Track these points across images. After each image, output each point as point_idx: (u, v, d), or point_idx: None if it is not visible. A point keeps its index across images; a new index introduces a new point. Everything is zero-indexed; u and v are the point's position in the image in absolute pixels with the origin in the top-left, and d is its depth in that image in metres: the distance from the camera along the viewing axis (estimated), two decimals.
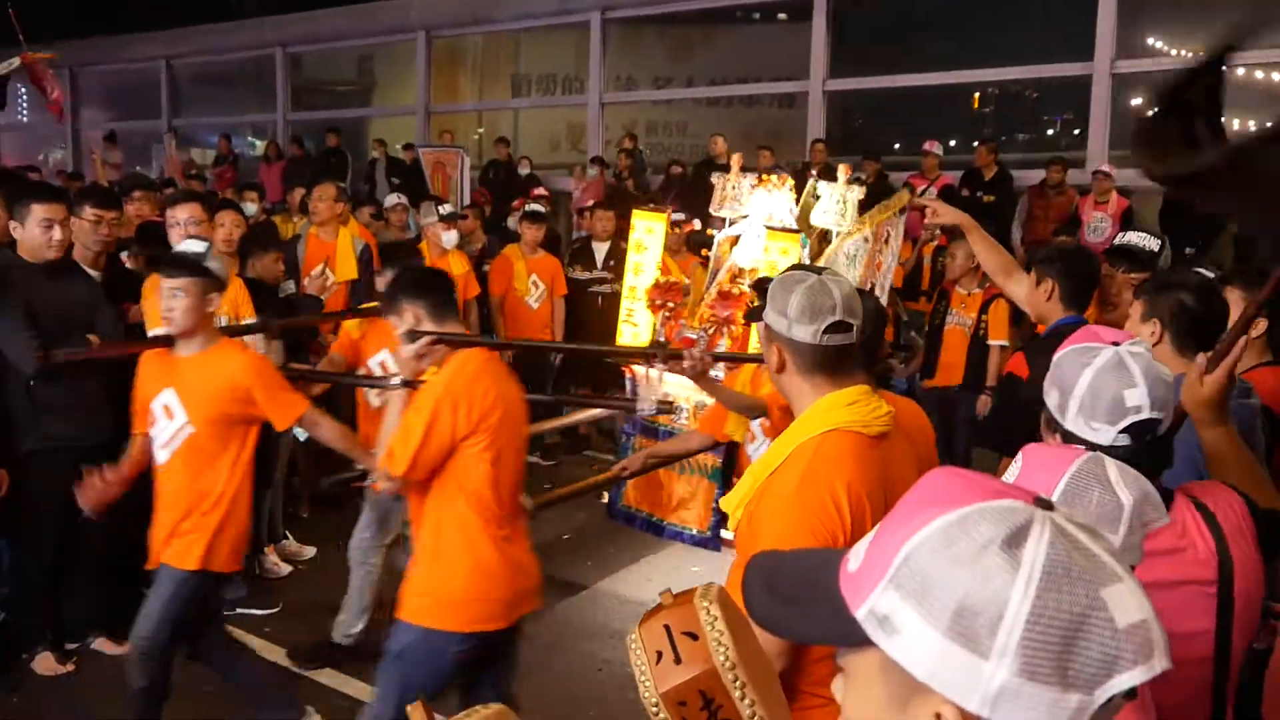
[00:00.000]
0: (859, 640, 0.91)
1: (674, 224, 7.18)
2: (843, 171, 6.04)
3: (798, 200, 6.03)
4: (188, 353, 3.83)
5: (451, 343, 3.39)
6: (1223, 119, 1.88)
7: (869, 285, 5.80)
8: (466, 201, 11.34)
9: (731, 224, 6.13)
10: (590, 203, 10.18)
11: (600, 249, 8.52)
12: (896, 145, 14.41)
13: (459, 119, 17.28)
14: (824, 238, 6.01)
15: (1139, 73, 11.06)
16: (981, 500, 0.88)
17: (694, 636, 1.51)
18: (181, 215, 4.96)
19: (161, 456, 3.84)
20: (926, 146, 10.94)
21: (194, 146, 19.30)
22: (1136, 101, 11.78)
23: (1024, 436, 3.41)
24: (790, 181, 6.05)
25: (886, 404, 2.37)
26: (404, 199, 9.21)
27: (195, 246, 3.83)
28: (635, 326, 6.38)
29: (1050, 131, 14.22)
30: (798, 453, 2.24)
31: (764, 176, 6.12)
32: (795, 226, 5.81)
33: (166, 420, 3.80)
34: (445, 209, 7.15)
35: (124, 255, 5.57)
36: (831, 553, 1.01)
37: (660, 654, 1.52)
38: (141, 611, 3.82)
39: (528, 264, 7.83)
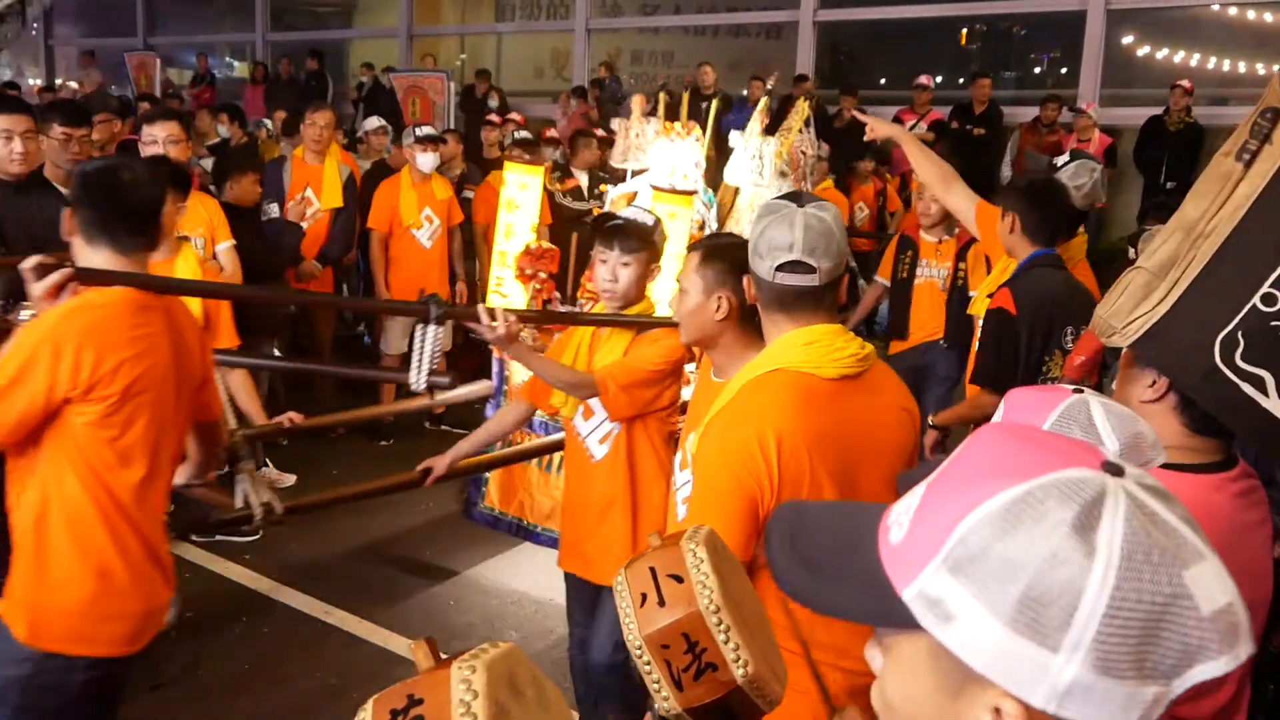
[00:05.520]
0: (904, 622, 0.83)
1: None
2: (758, 119, 5.26)
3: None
4: None
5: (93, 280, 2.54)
6: None
7: None
8: (451, 126, 11.15)
9: (634, 176, 5.42)
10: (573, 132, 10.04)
11: (582, 178, 8.41)
12: (883, 80, 14.28)
13: (442, 43, 16.99)
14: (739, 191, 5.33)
15: (1134, 9, 10.94)
16: (1045, 471, 0.79)
17: (679, 579, 1.49)
18: (160, 133, 4.84)
19: None
20: (923, 80, 10.84)
21: (171, 66, 18.92)
22: (1128, 40, 11.68)
23: (1018, 367, 3.43)
24: (697, 131, 5.28)
25: (859, 346, 2.22)
26: (384, 122, 9.07)
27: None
28: (505, 298, 5.43)
29: (1037, 69, 14.12)
30: (741, 391, 2.17)
31: (667, 124, 5.33)
32: (692, 186, 5.04)
33: None
34: (423, 130, 7.00)
35: None
36: (865, 512, 0.93)
37: (644, 596, 1.50)
38: None
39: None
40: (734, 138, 5.21)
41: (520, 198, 5.54)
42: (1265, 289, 1.75)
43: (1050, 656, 0.75)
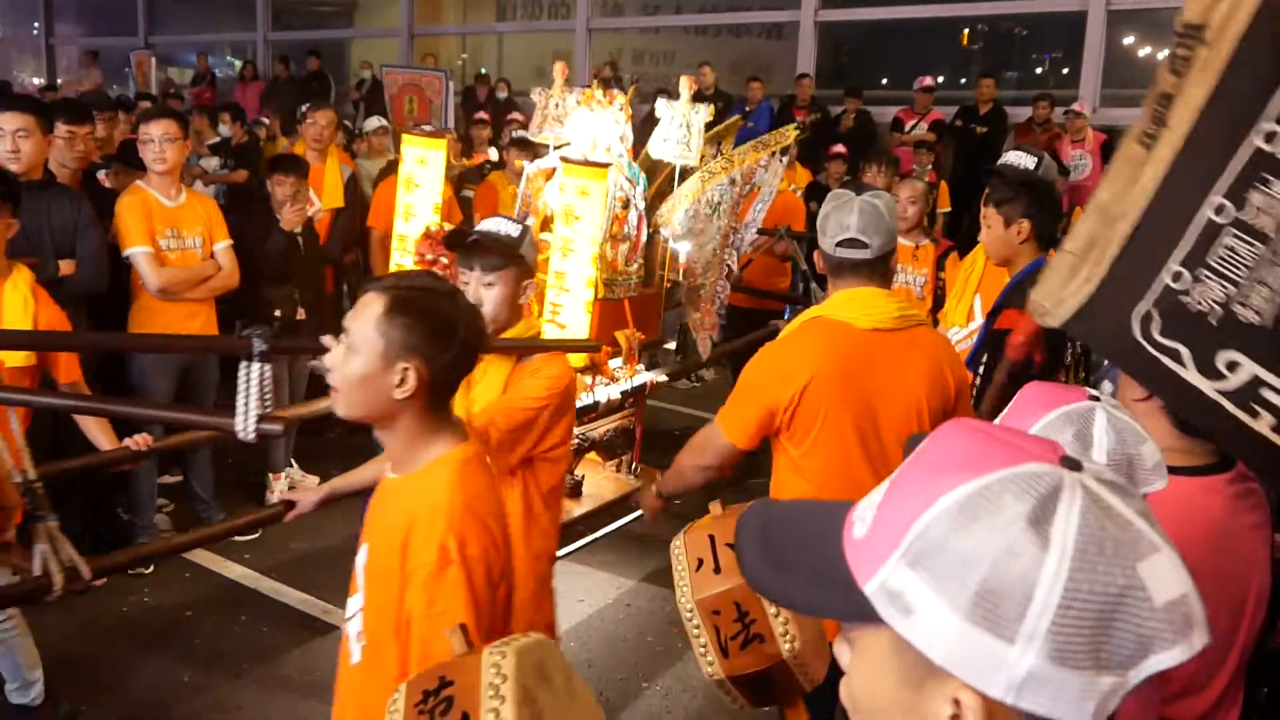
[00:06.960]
0: (867, 615, 0.84)
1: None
2: (686, 86, 4.78)
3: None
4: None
5: None
6: None
7: (730, 238, 4.87)
8: (450, 125, 11.16)
9: (556, 150, 4.81)
10: None
11: None
12: (884, 80, 14.30)
13: (443, 43, 16.99)
14: (675, 173, 4.80)
15: (1135, 10, 10.94)
16: (1003, 466, 0.80)
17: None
18: (156, 131, 4.81)
19: None
20: (928, 81, 10.87)
21: (171, 65, 18.93)
22: (1129, 40, 11.69)
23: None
24: (621, 99, 4.72)
25: (899, 306, 2.72)
26: (385, 122, 9.08)
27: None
28: None
29: (1039, 70, 14.13)
30: (791, 332, 2.77)
31: (587, 92, 4.77)
32: (608, 159, 4.52)
33: None
34: (425, 129, 7.01)
35: (101, 174, 5.46)
36: (830, 509, 0.95)
37: (701, 561, 1.57)
38: None
39: (514, 192, 7.72)
40: (660, 107, 4.74)
41: (420, 174, 4.85)
42: (1174, 267, 1.82)
43: (1006, 648, 0.76)
